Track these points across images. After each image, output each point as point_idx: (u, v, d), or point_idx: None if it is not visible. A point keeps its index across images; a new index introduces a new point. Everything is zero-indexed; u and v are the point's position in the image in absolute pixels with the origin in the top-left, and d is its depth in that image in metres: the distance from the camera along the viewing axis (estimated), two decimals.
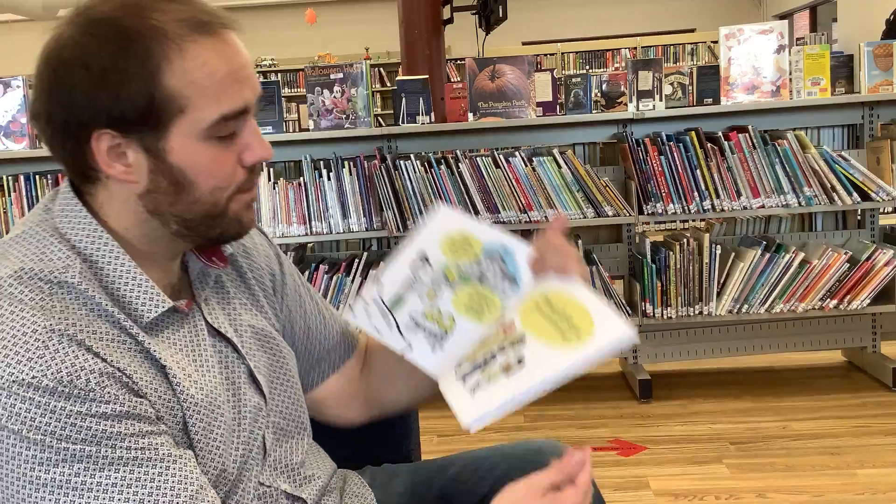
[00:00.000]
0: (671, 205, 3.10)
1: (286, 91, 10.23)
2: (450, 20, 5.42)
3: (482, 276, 1.12)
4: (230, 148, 0.92)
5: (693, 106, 3.37)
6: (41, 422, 0.81)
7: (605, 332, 1.00)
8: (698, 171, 3.08)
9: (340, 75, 3.26)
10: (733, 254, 3.16)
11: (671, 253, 3.12)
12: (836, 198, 3.06)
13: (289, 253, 3.29)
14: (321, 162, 3.26)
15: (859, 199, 3.07)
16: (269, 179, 3.22)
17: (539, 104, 3.33)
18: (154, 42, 0.86)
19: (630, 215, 3.13)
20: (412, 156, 3.22)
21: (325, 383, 1.22)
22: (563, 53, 9.72)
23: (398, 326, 1.13)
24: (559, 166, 3.11)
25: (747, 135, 3.07)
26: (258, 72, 10.40)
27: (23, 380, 0.81)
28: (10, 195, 3.21)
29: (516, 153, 3.15)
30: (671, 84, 3.39)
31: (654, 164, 3.09)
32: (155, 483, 0.85)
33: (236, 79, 0.90)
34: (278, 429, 1.07)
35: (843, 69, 3.48)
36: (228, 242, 1.02)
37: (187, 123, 0.88)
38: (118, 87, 0.86)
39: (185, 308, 0.97)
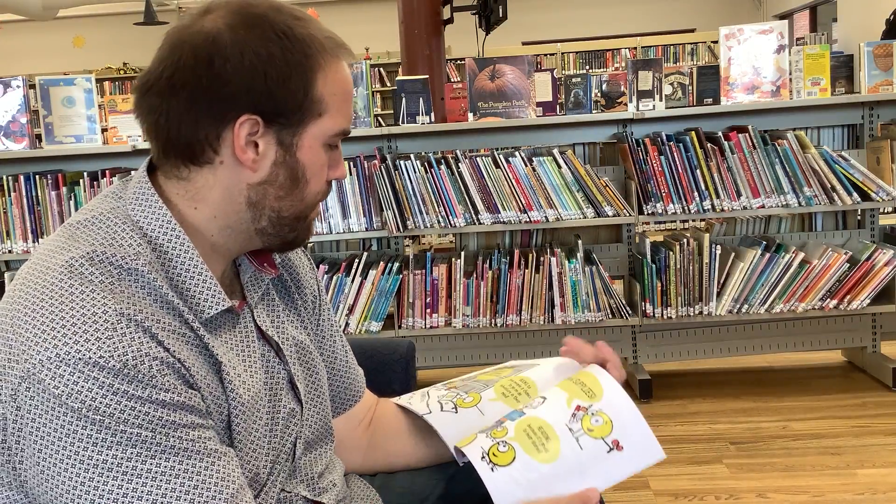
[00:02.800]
0: (671, 205, 3.10)
1: None
2: (450, 20, 5.42)
3: (518, 369, 1.21)
4: (327, 161, 1.00)
5: (693, 106, 3.37)
6: (102, 402, 0.81)
7: (634, 446, 1.10)
8: (698, 171, 3.08)
9: None
10: (733, 254, 3.16)
11: (671, 253, 3.12)
12: (836, 198, 3.06)
13: None
14: None
15: (859, 199, 3.07)
16: None
17: (539, 104, 3.33)
18: (313, 48, 0.94)
19: (630, 215, 3.13)
20: (412, 156, 3.22)
21: (334, 420, 1.22)
22: (563, 53, 9.71)
23: (427, 400, 1.21)
24: (559, 166, 3.11)
25: (747, 135, 3.07)
26: None
27: (89, 358, 0.81)
28: (9, 195, 3.20)
29: (516, 153, 3.15)
30: (671, 84, 3.39)
31: (654, 164, 3.09)
32: (201, 476, 0.85)
33: (351, 102, 1.01)
34: (309, 440, 1.09)
35: (843, 69, 3.48)
36: (293, 249, 1.06)
37: (319, 127, 0.96)
38: (286, 78, 0.92)
39: (237, 309, 0.99)
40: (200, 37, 0.91)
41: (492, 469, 1.03)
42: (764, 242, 3.12)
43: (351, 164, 3.17)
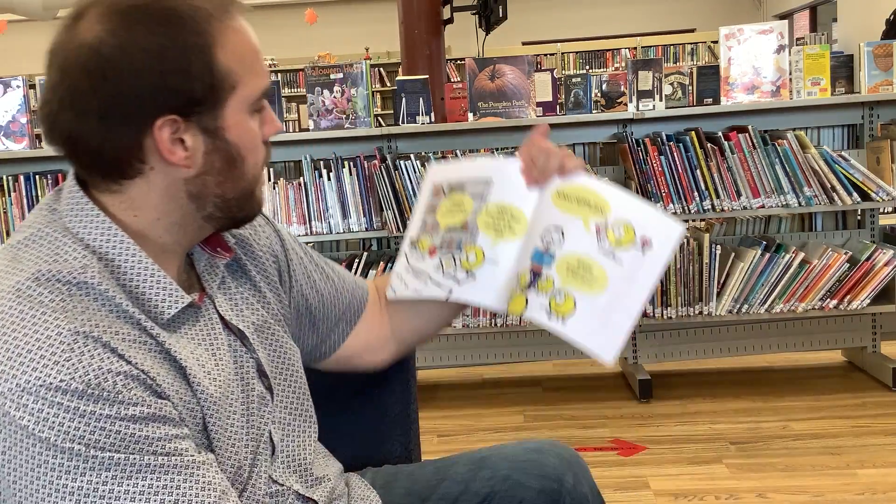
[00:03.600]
0: (671, 205, 3.10)
1: (286, 91, 10.21)
2: (450, 20, 5.42)
3: (476, 195, 1.18)
4: (258, 124, 0.96)
5: (693, 106, 3.37)
6: (69, 426, 0.79)
7: (657, 234, 1.09)
8: (698, 171, 3.08)
9: (340, 75, 3.26)
10: (733, 254, 3.16)
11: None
12: (836, 198, 3.06)
13: None
14: (321, 162, 3.26)
15: (859, 199, 3.07)
16: (269, 179, 3.22)
17: (539, 104, 3.33)
18: (202, 22, 0.88)
19: None
20: (412, 156, 3.22)
21: (349, 339, 1.24)
22: (563, 53, 9.71)
23: (431, 279, 1.19)
24: None
25: (747, 135, 3.07)
26: None
27: (51, 384, 0.79)
28: (10, 195, 3.21)
29: (516, 153, 3.15)
30: (671, 84, 3.39)
31: (654, 164, 3.09)
32: (181, 490, 0.84)
33: (260, 56, 0.95)
34: (285, 424, 1.07)
35: (843, 69, 3.48)
36: (247, 223, 1.03)
37: (238, 99, 0.91)
38: (186, 67, 0.86)
39: (198, 302, 0.97)
40: (84, 52, 0.85)
41: (563, 322, 1.10)
42: (764, 242, 3.12)
43: (351, 163, 3.18)
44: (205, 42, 0.87)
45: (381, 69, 10.35)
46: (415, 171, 3.14)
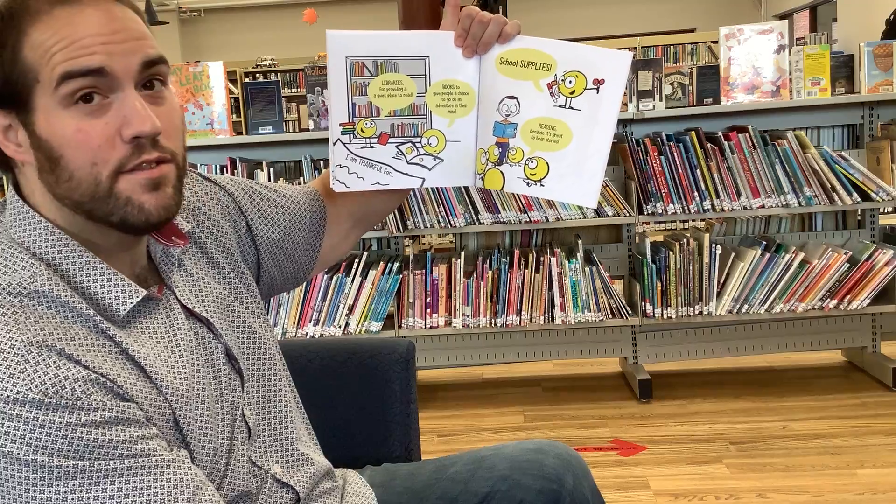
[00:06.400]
0: (671, 205, 3.10)
1: (286, 91, 10.22)
2: None
3: (424, 75, 1.17)
4: (102, 119, 0.87)
5: (693, 106, 3.37)
6: (31, 437, 0.79)
7: (608, 70, 1.10)
8: (698, 171, 3.08)
9: None
10: (733, 254, 3.16)
11: (671, 253, 3.12)
12: (836, 198, 3.06)
13: None
14: (321, 162, 3.26)
15: (859, 199, 3.07)
16: (270, 179, 3.22)
17: None
18: (17, 16, 0.86)
19: (630, 215, 3.13)
20: None
21: (322, 246, 1.26)
22: None
23: (395, 169, 1.18)
24: None
25: (747, 135, 3.07)
26: (258, 72, 10.41)
27: (7, 397, 0.79)
28: None
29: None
30: (671, 84, 3.39)
31: (654, 164, 3.09)
32: (151, 490, 0.84)
33: (93, 42, 0.87)
34: (260, 406, 1.07)
35: (843, 69, 3.48)
36: (143, 231, 0.94)
37: (42, 93, 0.87)
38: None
39: (158, 294, 0.97)
40: None
41: (541, 186, 1.14)
42: (764, 242, 3.12)
43: None
44: (16, 37, 0.86)
45: None
46: None
